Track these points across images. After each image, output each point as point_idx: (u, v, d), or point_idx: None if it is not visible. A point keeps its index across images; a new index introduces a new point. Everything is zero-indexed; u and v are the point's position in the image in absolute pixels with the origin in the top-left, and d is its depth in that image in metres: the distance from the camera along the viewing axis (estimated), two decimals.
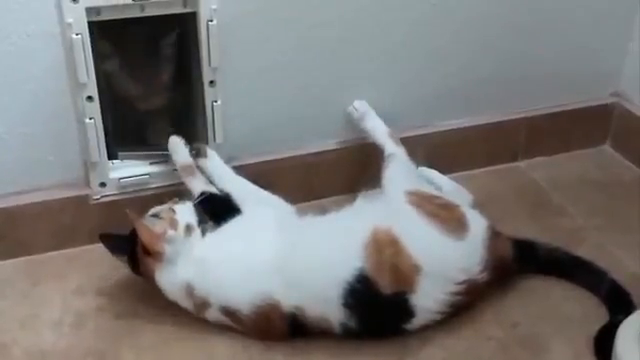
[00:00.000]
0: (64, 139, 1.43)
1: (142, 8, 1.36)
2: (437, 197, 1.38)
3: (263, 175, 1.57)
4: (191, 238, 1.29)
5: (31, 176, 1.45)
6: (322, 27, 1.51)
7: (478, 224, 1.33)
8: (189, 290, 1.27)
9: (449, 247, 1.29)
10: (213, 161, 1.45)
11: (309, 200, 1.62)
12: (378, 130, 1.54)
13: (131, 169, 1.50)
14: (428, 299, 1.25)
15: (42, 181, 1.46)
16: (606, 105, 1.85)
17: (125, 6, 1.35)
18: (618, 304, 1.34)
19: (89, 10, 1.32)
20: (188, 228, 1.29)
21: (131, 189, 1.50)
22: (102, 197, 1.49)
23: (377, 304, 1.23)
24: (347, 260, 1.24)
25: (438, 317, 1.29)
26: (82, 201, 1.49)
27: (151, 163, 1.51)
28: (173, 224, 1.28)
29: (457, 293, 1.28)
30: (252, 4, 1.44)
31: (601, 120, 1.86)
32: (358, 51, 1.56)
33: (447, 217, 1.31)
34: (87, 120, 1.40)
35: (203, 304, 1.28)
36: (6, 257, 1.48)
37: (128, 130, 1.56)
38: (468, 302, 1.31)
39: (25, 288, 1.43)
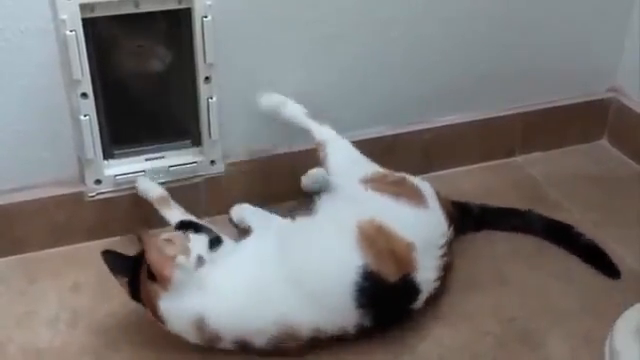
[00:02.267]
0: (59, 136, 1.43)
1: (136, 4, 1.36)
2: (385, 174, 1.41)
3: (257, 171, 1.57)
4: (201, 271, 1.21)
5: (26, 173, 1.45)
6: (317, 23, 1.50)
7: (427, 188, 1.41)
8: (200, 324, 1.20)
9: (424, 217, 1.34)
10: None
11: (304, 198, 1.61)
12: (297, 114, 1.47)
13: (126, 166, 1.50)
14: (427, 271, 1.28)
15: (37, 178, 1.46)
16: (603, 100, 1.85)
17: (119, 2, 1.34)
18: (557, 229, 1.51)
19: (83, 6, 1.32)
20: (200, 260, 1.20)
21: (127, 186, 1.50)
22: (97, 194, 1.49)
23: (388, 294, 1.24)
24: (349, 262, 1.22)
25: (437, 284, 1.31)
26: (77, 198, 1.48)
27: (147, 160, 1.51)
28: (185, 251, 1.20)
29: (443, 255, 1.32)
30: (247, 0, 1.43)
31: (598, 115, 1.86)
32: (353, 47, 1.56)
33: (405, 191, 1.36)
34: (82, 117, 1.40)
35: (214, 338, 1.21)
36: (1, 255, 1.48)
37: (124, 128, 1.55)
38: (450, 261, 1.36)
39: (21, 286, 1.42)
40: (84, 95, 1.38)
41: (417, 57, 1.63)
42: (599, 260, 1.45)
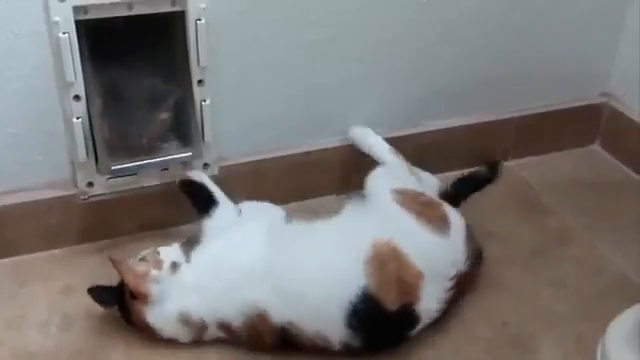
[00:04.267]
0: (51, 139, 1.42)
1: (130, 7, 1.35)
2: (420, 194, 1.39)
3: (252, 174, 1.57)
4: (178, 274, 1.27)
5: (18, 176, 1.44)
6: (311, 26, 1.50)
7: (456, 219, 1.35)
8: (185, 319, 1.26)
9: (440, 246, 1.30)
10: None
11: (298, 200, 1.62)
12: (379, 147, 1.54)
13: (119, 168, 1.48)
14: (431, 302, 1.26)
15: (29, 181, 1.45)
16: (595, 105, 1.86)
17: (112, 4, 1.34)
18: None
19: (76, 9, 1.31)
20: (174, 265, 1.28)
21: (119, 189, 1.49)
22: (90, 197, 1.48)
23: (383, 321, 1.21)
24: (350, 279, 1.20)
25: (437, 315, 1.29)
26: (70, 201, 1.48)
27: (140, 162, 1.49)
28: (157, 264, 1.27)
29: (451, 288, 1.29)
30: (241, 3, 1.43)
31: (590, 120, 1.87)
32: (347, 50, 1.56)
33: (430, 214, 1.32)
34: (74, 119, 1.39)
35: (201, 327, 1.27)
36: None
37: (117, 131, 1.54)
38: (458, 293, 1.32)
39: (12, 289, 1.42)
40: (77, 97, 1.38)
41: (410, 61, 1.63)
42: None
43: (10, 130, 1.39)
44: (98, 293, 1.31)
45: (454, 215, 1.36)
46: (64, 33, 1.31)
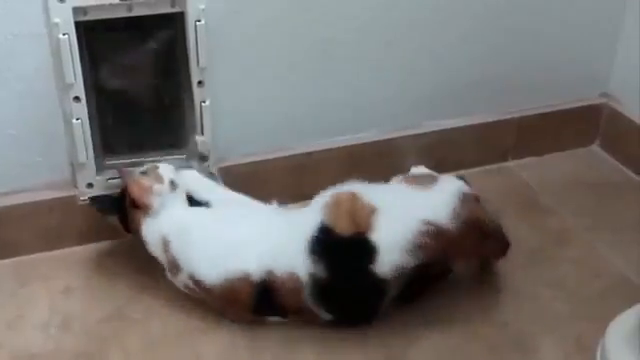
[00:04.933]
0: (51, 140, 1.43)
1: (129, 8, 1.36)
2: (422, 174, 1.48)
3: (252, 175, 1.57)
4: (176, 194, 1.36)
5: (18, 177, 1.44)
6: (310, 26, 1.50)
7: (451, 182, 1.39)
8: (165, 245, 1.33)
9: (408, 192, 1.37)
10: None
11: (298, 201, 1.61)
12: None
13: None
14: (391, 235, 1.26)
15: (29, 182, 1.45)
16: (595, 106, 1.86)
17: (112, 6, 1.34)
18: None
19: (76, 10, 1.31)
20: (172, 183, 1.36)
21: (118, 190, 1.49)
22: (90, 198, 1.48)
23: (340, 246, 1.28)
24: (311, 219, 1.30)
25: (409, 259, 1.26)
26: (69, 202, 1.48)
27: (139, 163, 1.50)
28: (159, 179, 1.35)
29: (423, 233, 1.27)
30: (240, 4, 1.43)
31: (590, 121, 1.87)
32: (347, 51, 1.56)
33: (420, 181, 1.41)
34: (74, 121, 1.39)
35: (175, 266, 1.33)
36: None
37: (116, 132, 1.54)
38: (437, 248, 1.28)
39: (12, 289, 1.42)
40: (77, 99, 1.38)
41: (411, 62, 1.63)
42: None
43: (10, 131, 1.39)
44: (100, 201, 1.42)
45: (448, 180, 1.41)
46: (64, 34, 1.31)
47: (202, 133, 1.49)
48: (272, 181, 1.60)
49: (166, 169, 1.38)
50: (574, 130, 1.86)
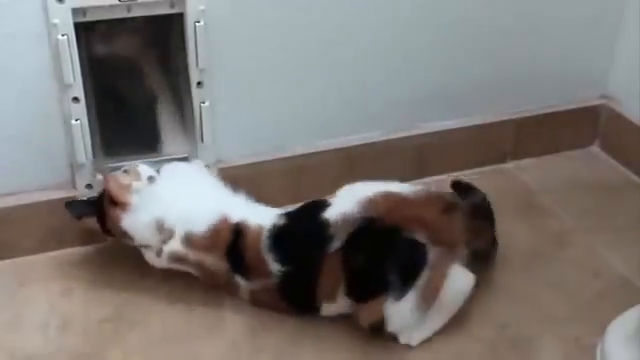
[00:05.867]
0: (50, 141, 1.43)
1: (129, 9, 1.36)
2: None
3: (251, 176, 1.57)
4: (156, 185, 1.39)
5: (17, 178, 1.44)
6: (309, 28, 1.50)
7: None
8: (159, 224, 1.35)
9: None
10: None
11: (298, 202, 1.61)
12: None
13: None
14: (345, 192, 1.34)
15: (28, 183, 1.45)
16: (594, 107, 1.86)
17: (111, 7, 1.34)
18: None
19: (75, 11, 1.31)
20: (150, 179, 1.39)
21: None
22: (89, 199, 1.48)
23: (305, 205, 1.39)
24: None
25: (356, 209, 1.29)
26: None
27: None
28: (137, 177, 1.38)
29: (376, 193, 1.31)
30: (240, 5, 1.43)
31: (589, 122, 1.87)
32: (346, 52, 1.56)
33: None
34: (73, 121, 1.39)
35: (169, 235, 1.35)
36: None
37: (116, 132, 1.55)
38: (387, 206, 1.29)
39: (11, 290, 1.42)
40: (76, 99, 1.38)
41: (409, 63, 1.63)
42: None
43: (9, 132, 1.39)
44: (76, 206, 1.44)
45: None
46: (63, 35, 1.31)
47: (202, 134, 1.49)
48: (271, 182, 1.60)
49: (145, 167, 1.41)
50: (573, 131, 1.86)
